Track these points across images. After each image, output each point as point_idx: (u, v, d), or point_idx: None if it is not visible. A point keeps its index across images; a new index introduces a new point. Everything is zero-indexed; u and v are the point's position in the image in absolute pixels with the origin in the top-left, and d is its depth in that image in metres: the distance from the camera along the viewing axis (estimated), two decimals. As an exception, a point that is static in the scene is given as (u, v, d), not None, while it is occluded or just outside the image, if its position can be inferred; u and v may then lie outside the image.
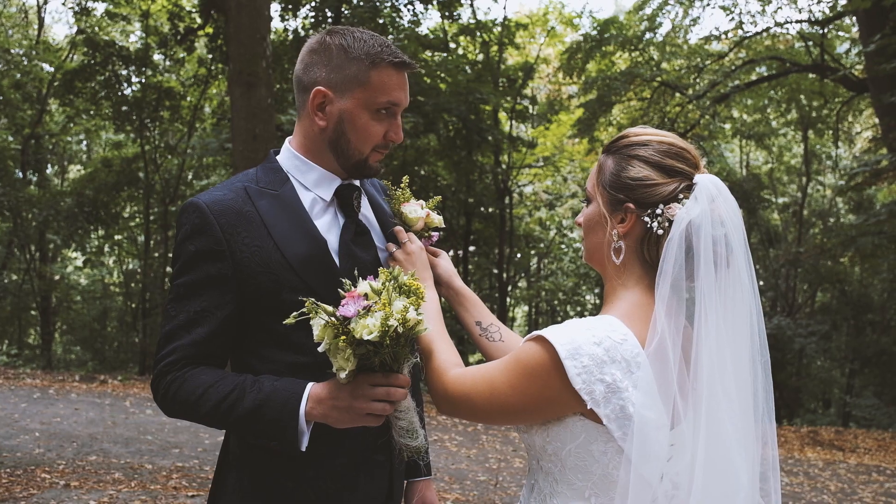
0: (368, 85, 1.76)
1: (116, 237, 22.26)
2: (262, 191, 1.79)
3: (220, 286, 1.71)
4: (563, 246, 24.33)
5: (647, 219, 1.49)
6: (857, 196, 20.40)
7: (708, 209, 1.45)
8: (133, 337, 20.93)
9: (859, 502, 7.78)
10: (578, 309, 24.82)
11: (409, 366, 1.61)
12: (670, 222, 1.47)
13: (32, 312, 21.95)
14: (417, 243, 1.89)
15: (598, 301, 24.17)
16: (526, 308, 26.44)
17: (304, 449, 1.65)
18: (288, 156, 1.88)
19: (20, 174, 20.12)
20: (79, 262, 23.77)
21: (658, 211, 1.48)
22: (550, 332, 1.43)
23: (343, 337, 1.49)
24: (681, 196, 1.49)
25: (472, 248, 21.33)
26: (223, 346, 1.75)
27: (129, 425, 9.18)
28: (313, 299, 1.55)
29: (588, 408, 1.38)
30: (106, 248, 22.65)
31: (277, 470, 1.75)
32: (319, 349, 1.55)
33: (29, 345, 22.34)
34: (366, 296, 1.53)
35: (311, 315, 1.54)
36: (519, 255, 24.01)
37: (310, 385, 1.65)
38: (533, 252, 24.91)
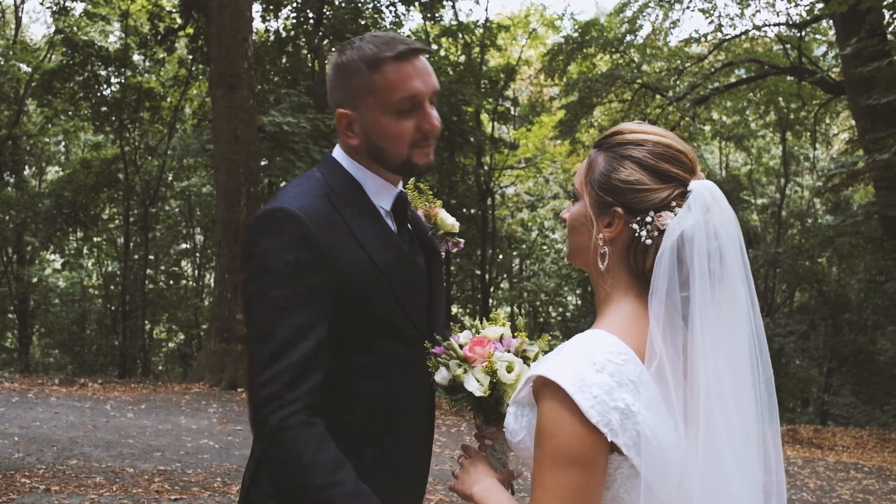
0: (376, 90, 1.73)
1: (95, 239, 22.06)
2: (342, 198, 1.78)
3: (322, 297, 1.67)
4: (544, 247, 24.43)
5: (635, 226, 1.39)
6: (835, 197, 20.70)
7: (702, 220, 1.35)
8: (113, 340, 20.73)
9: (838, 499, 7.88)
10: (560, 310, 24.92)
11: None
12: (660, 231, 1.37)
13: (10, 315, 21.68)
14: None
15: (579, 302, 24.28)
16: (508, 309, 26.50)
17: None
18: (347, 164, 1.84)
19: (-3, 175, 19.90)
20: (57, 265, 23.50)
21: (648, 219, 1.38)
22: (549, 370, 1.31)
23: (492, 378, 1.70)
24: (673, 204, 1.38)
25: (454, 250, 21.41)
26: (326, 357, 1.69)
27: (109, 429, 9.09)
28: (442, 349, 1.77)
29: (609, 440, 1.27)
30: (85, 250, 22.44)
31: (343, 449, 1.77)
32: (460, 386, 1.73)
33: (6, 348, 22.07)
34: (500, 339, 1.76)
35: (444, 361, 1.75)
36: (501, 257, 24.08)
37: None
38: (515, 253, 25.00)
